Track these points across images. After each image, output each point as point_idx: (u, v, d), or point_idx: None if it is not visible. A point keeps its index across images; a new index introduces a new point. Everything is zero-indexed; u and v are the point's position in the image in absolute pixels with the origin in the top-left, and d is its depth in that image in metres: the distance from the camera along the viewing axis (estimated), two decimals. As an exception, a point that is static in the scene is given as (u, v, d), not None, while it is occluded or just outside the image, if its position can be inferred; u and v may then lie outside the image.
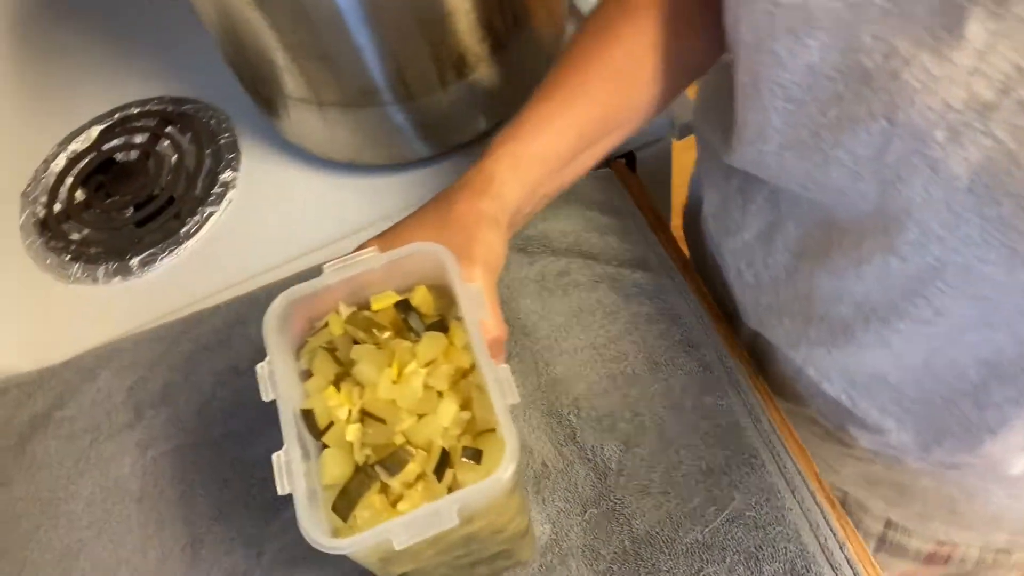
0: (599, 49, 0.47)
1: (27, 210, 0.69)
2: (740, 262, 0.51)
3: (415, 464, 0.35)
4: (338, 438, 0.36)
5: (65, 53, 0.80)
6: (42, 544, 0.52)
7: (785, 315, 0.48)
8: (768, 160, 0.41)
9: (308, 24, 0.52)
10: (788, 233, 0.45)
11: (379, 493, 0.35)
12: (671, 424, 0.51)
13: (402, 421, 0.36)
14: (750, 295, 0.51)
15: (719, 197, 0.52)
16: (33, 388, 0.58)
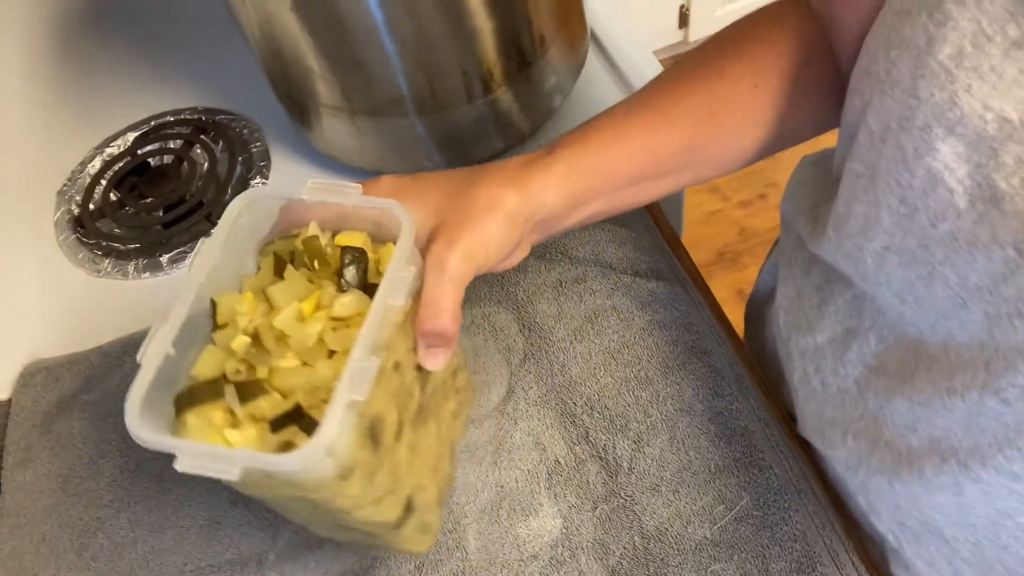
0: (697, 80, 0.44)
1: (62, 207, 0.72)
2: (808, 365, 0.47)
3: (266, 403, 0.34)
4: (225, 341, 0.35)
5: (105, 64, 0.83)
6: (62, 520, 0.53)
7: (850, 434, 0.43)
8: (867, 259, 0.37)
9: (344, 33, 0.55)
10: (867, 345, 0.41)
11: (224, 412, 0.34)
12: (682, 426, 0.52)
13: (282, 358, 0.34)
14: (813, 403, 0.47)
15: (794, 291, 0.48)
16: (61, 372, 0.59)
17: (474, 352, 0.57)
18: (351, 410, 0.33)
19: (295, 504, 0.38)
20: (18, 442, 0.56)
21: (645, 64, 0.73)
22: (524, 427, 0.54)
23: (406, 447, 0.38)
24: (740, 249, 1.79)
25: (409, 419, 0.39)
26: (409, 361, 0.38)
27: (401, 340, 0.37)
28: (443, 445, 0.44)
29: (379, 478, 0.36)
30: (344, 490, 0.34)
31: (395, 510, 0.39)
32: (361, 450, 0.34)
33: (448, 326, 0.38)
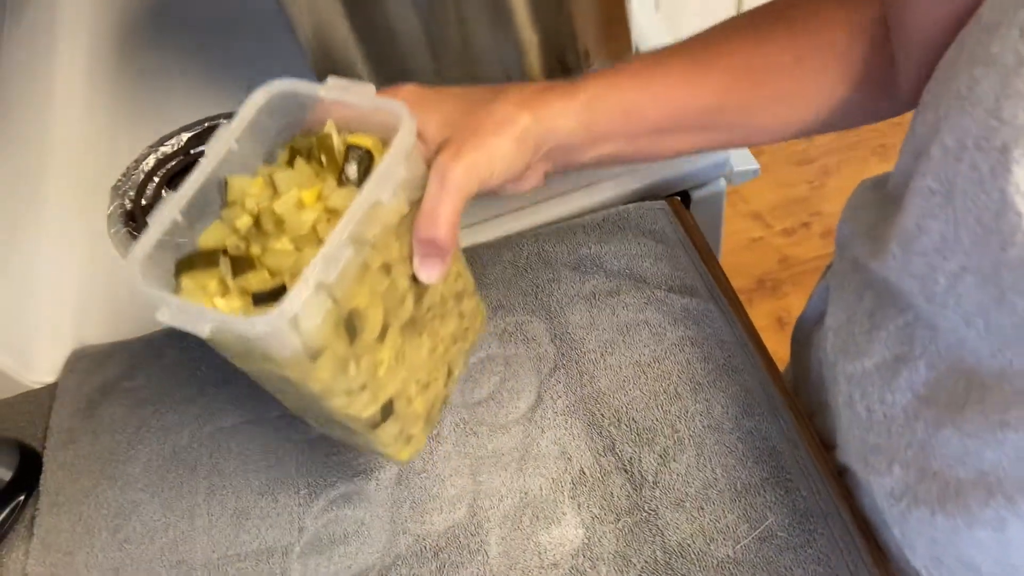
0: (740, 41, 0.43)
1: (115, 202, 0.74)
2: (855, 390, 0.46)
3: (255, 279, 0.35)
4: (231, 219, 0.37)
5: (163, 68, 0.86)
6: (99, 500, 0.54)
7: (897, 463, 0.42)
8: (939, 278, 0.36)
9: (392, 41, 0.57)
10: (916, 373, 0.40)
11: (218, 281, 0.36)
12: (709, 442, 0.52)
13: (277, 241, 0.36)
14: (857, 429, 0.46)
15: (845, 315, 0.47)
16: (105, 358, 0.61)
17: (505, 360, 0.58)
18: (323, 293, 0.34)
19: (281, 384, 0.39)
20: (61, 424, 0.58)
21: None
22: (551, 436, 0.54)
23: (391, 351, 0.39)
24: (781, 277, 1.77)
25: (398, 325, 0.39)
26: (403, 268, 0.39)
27: (394, 244, 0.38)
28: (437, 365, 0.45)
29: (353, 372, 0.37)
30: (314, 372, 0.35)
31: (370, 408, 0.40)
32: (334, 337, 0.35)
33: (443, 235, 0.38)
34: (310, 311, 0.33)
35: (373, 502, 0.53)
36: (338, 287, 0.34)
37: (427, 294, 0.41)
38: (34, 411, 0.60)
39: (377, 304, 0.38)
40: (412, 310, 0.40)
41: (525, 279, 0.61)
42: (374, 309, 0.38)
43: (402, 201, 0.38)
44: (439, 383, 0.46)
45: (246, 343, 0.34)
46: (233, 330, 0.33)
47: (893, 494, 0.43)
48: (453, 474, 0.53)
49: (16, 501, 0.55)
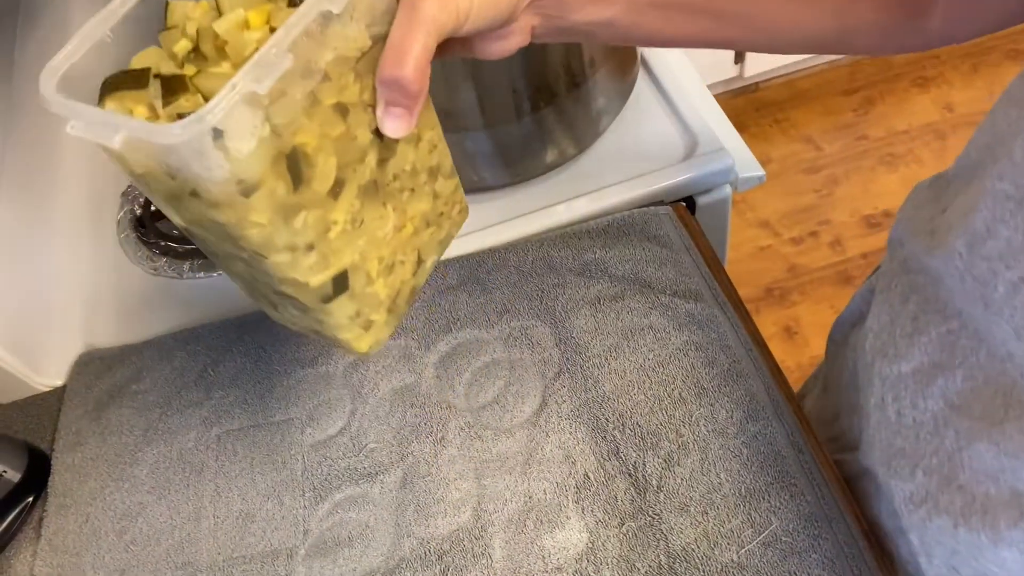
0: None
1: (125, 207, 0.75)
2: (888, 392, 0.46)
3: (187, 103, 0.32)
4: (169, 43, 0.34)
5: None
6: (106, 502, 0.55)
7: (921, 468, 0.42)
8: (999, 286, 0.35)
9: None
10: (952, 382, 0.40)
11: (147, 108, 0.32)
12: (713, 447, 0.52)
13: (217, 67, 0.32)
14: (885, 431, 0.46)
15: (888, 317, 0.47)
16: (114, 361, 0.62)
17: (510, 364, 0.58)
18: (257, 111, 0.30)
19: (222, 243, 0.35)
20: (69, 426, 0.59)
21: (694, 91, 0.74)
22: (555, 440, 0.54)
23: (345, 213, 0.35)
24: (789, 286, 1.77)
25: (356, 185, 0.35)
26: (364, 118, 0.34)
27: (352, 84, 0.33)
28: (405, 247, 0.40)
29: (299, 223, 0.33)
30: (249, 215, 0.32)
31: (319, 275, 0.35)
32: (272, 174, 0.31)
33: (411, 75, 0.33)
34: (239, 128, 0.29)
35: (377, 505, 0.53)
36: (278, 111, 0.30)
37: (394, 158, 0.37)
38: (43, 414, 0.61)
39: (329, 151, 0.33)
40: (375, 172, 0.36)
41: (530, 284, 0.61)
42: (325, 155, 0.33)
43: (362, 30, 0.33)
44: (406, 269, 0.41)
45: (167, 166, 0.30)
46: (147, 138, 0.29)
47: (913, 499, 0.43)
48: (457, 478, 0.53)
49: (25, 503, 0.55)
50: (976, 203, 0.36)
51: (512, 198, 0.68)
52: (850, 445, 0.53)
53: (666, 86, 0.74)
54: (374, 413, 0.57)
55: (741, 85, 2.02)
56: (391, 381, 0.58)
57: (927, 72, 1.98)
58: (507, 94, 0.61)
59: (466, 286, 0.62)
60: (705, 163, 0.68)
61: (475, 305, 0.61)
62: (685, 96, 0.73)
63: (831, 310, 1.69)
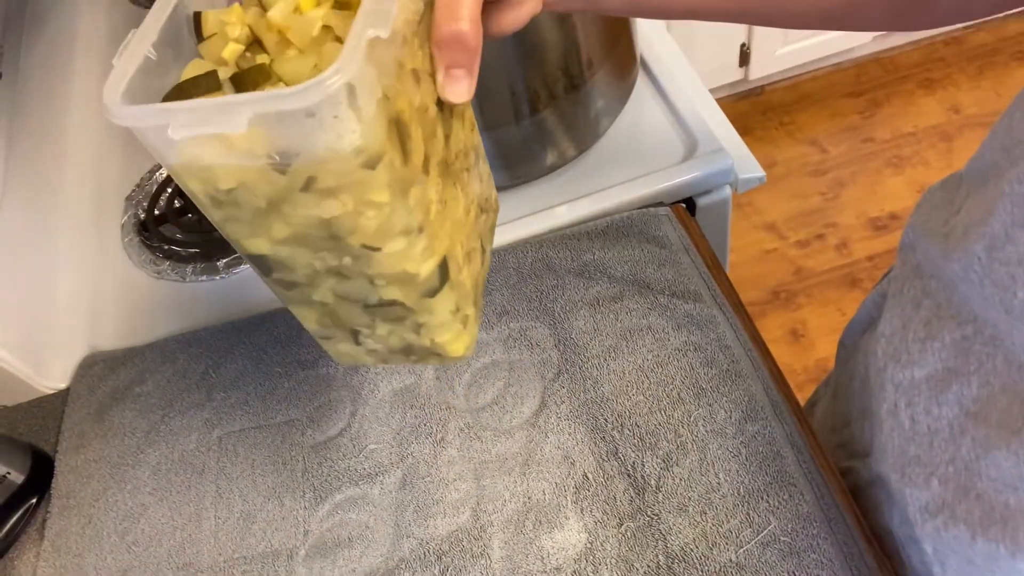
0: None
1: (129, 212, 0.76)
2: (900, 398, 0.45)
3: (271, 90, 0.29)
4: (213, 52, 0.32)
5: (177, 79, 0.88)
6: (108, 503, 0.55)
7: (936, 477, 0.41)
8: (1019, 291, 0.35)
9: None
10: (967, 388, 0.39)
11: None
12: (712, 447, 0.52)
13: (283, 55, 0.30)
14: (898, 438, 0.45)
15: (900, 322, 0.46)
16: (117, 364, 0.62)
17: (509, 365, 0.58)
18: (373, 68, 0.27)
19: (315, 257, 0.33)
20: (73, 428, 0.59)
21: (694, 92, 0.74)
22: (554, 440, 0.54)
23: (436, 191, 0.33)
24: (795, 289, 1.76)
25: (436, 162, 0.34)
26: (430, 87, 0.33)
27: (417, 51, 0.32)
28: (473, 232, 0.39)
29: (412, 200, 0.31)
30: (370, 192, 0.29)
31: (429, 262, 0.33)
32: (389, 143, 0.29)
33: (468, 29, 0.31)
34: (366, 85, 0.27)
35: (377, 506, 0.53)
36: (389, 79, 0.28)
37: (453, 135, 0.36)
38: (47, 416, 0.61)
39: (416, 121, 0.31)
40: (444, 149, 0.35)
41: (529, 285, 0.61)
42: (415, 126, 0.31)
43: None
44: (477, 257, 0.40)
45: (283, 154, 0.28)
46: (285, 106, 0.26)
47: (928, 509, 0.42)
48: (457, 478, 0.54)
49: (28, 504, 0.56)
50: (994, 206, 0.36)
51: (512, 200, 0.68)
52: (861, 452, 0.53)
53: (665, 87, 0.74)
54: (374, 414, 0.57)
55: (746, 88, 2.02)
56: (391, 382, 0.58)
57: (933, 74, 1.97)
58: (505, 96, 0.61)
59: (466, 288, 0.62)
60: (704, 164, 0.68)
61: (475, 307, 0.61)
62: (684, 97, 0.73)
63: (837, 313, 1.69)
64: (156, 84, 0.31)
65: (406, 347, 0.39)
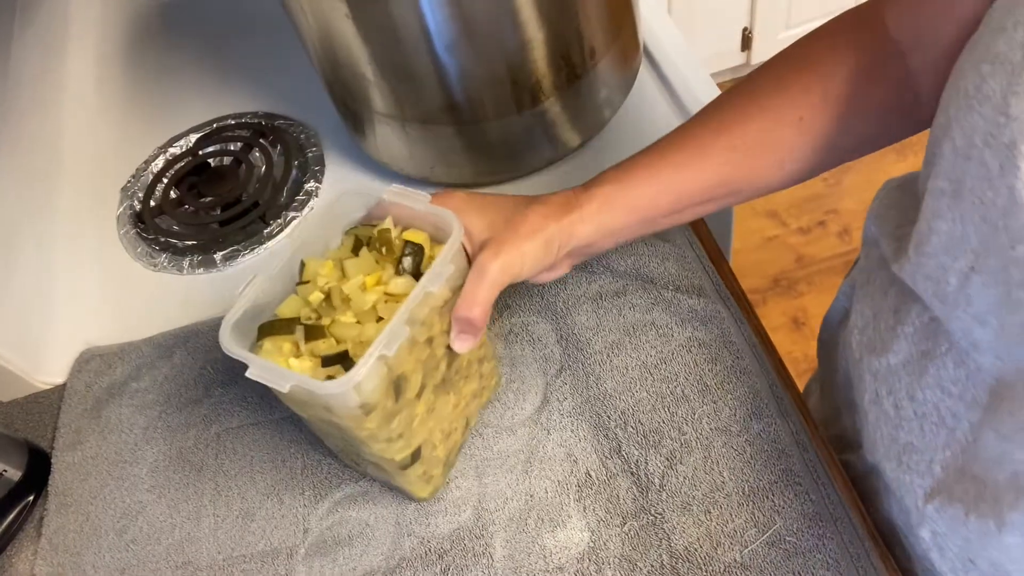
0: (737, 115, 0.47)
1: (125, 203, 0.75)
2: (880, 386, 0.46)
3: (324, 345, 0.43)
4: (305, 294, 0.45)
5: (174, 69, 0.87)
6: (106, 501, 0.55)
7: (937, 463, 0.42)
8: (951, 279, 0.36)
9: (396, 41, 0.56)
10: (945, 370, 0.40)
11: (292, 344, 0.44)
12: (717, 445, 0.51)
13: (343, 315, 0.44)
14: (885, 426, 0.46)
15: (871, 311, 0.48)
16: (114, 359, 0.62)
17: (511, 361, 0.57)
18: (381, 362, 0.41)
19: (329, 428, 0.47)
20: (69, 425, 0.59)
21: (697, 81, 0.72)
22: (557, 438, 0.53)
23: (425, 406, 0.47)
24: (797, 276, 1.75)
25: (432, 385, 0.47)
26: (442, 340, 0.46)
27: (438, 322, 0.45)
28: (458, 417, 0.51)
29: (395, 423, 0.44)
30: (364, 423, 0.43)
31: (404, 453, 0.47)
32: (384, 396, 0.42)
33: (477, 317, 0.45)
34: (370, 377, 0.41)
35: (378, 504, 0.53)
36: (393, 358, 0.41)
37: (457, 360, 0.48)
38: (43, 412, 0.61)
39: (418, 369, 0.45)
40: (444, 373, 0.47)
41: (532, 280, 0.61)
42: (416, 373, 0.45)
43: (446, 289, 0.45)
44: (458, 432, 0.52)
45: (314, 398, 0.41)
46: (308, 389, 0.40)
47: (929, 494, 0.43)
48: (458, 476, 0.53)
49: (25, 501, 0.55)
50: (921, 206, 0.38)
51: (514, 192, 0.67)
52: (853, 444, 0.53)
53: (669, 75, 0.73)
54: (374, 411, 0.56)
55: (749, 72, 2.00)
56: (391, 378, 0.57)
57: (937, 58, 1.95)
58: (507, 86, 0.60)
59: (467, 282, 0.61)
60: (709, 155, 0.67)
61: (476, 301, 0.60)
62: (688, 86, 0.72)
63: (839, 300, 1.68)
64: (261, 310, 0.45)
65: (386, 482, 0.53)
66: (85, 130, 0.82)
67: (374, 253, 0.47)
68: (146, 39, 0.91)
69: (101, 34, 0.92)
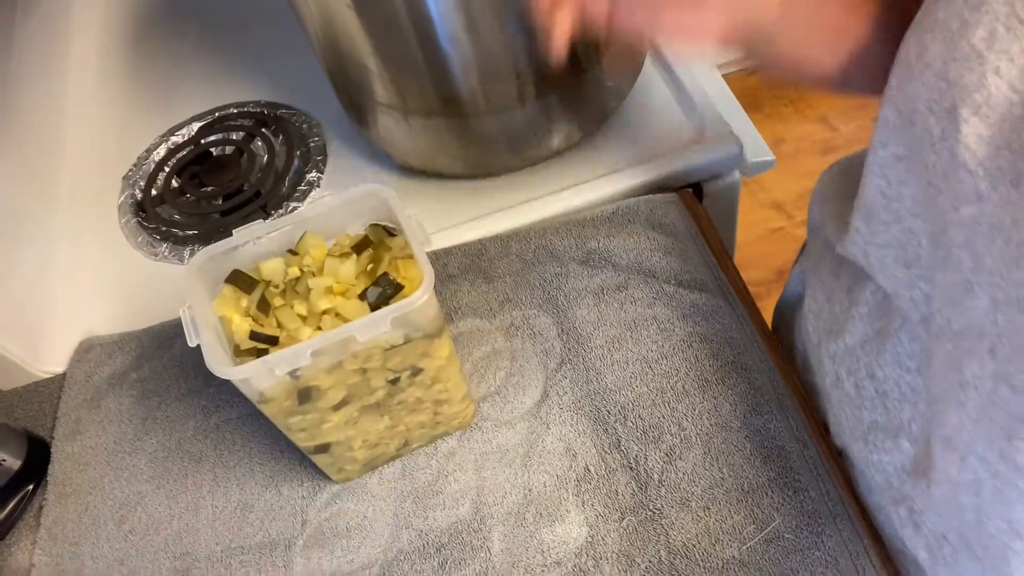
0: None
1: (126, 192, 0.75)
2: (840, 368, 0.47)
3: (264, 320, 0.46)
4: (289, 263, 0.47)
5: (176, 57, 0.86)
6: (105, 491, 0.55)
7: (905, 438, 0.42)
8: (921, 238, 0.37)
9: (400, 32, 0.56)
10: (900, 346, 0.41)
11: (245, 303, 0.46)
12: (716, 441, 0.51)
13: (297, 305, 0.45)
14: (848, 407, 0.47)
15: (823, 295, 0.48)
16: (114, 349, 0.61)
17: (511, 354, 0.57)
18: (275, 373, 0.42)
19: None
20: (69, 415, 0.59)
21: (704, 72, 0.72)
22: (556, 432, 0.53)
23: (343, 417, 0.47)
24: (800, 268, 1.75)
25: (361, 404, 0.47)
26: (381, 374, 0.46)
27: (378, 357, 0.44)
28: (392, 436, 0.52)
29: (294, 419, 0.46)
30: (263, 407, 0.44)
31: (305, 444, 0.48)
32: (284, 397, 0.44)
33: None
34: (260, 379, 0.42)
35: (376, 496, 0.53)
36: (304, 371, 0.42)
37: (402, 394, 0.48)
38: (43, 401, 0.61)
39: (340, 388, 0.45)
40: (381, 399, 0.48)
41: (533, 273, 0.60)
42: (335, 390, 0.45)
43: (398, 335, 0.44)
44: (390, 447, 0.53)
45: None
46: (208, 358, 0.41)
47: (904, 469, 0.43)
48: (457, 469, 0.53)
49: (24, 491, 0.55)
50: (864, 180, 0.39)
51: (516, 184, 0.67)
52: (823, 427, 0.53)
53: (674, 67, 0.73)
54: (373, 403, 0.56)
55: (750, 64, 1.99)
56: (391, 371, 0.57)
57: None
58: (510, 78, 0.59)
59: (467, 275, 0.61)
60: (713, 148, 0.66)
61: (477, 294, 0.60)
62: (694, 77, 0.71)
63: (843, 293, 1.67)
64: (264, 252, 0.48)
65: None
66: (87, 118, 0.82)
67: (362, 261, 0.47)
68: (149, 26, 0.91)
69: (104, 21, 0.92)
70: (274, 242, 0.48)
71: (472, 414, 0.55)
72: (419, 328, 0.44)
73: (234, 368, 0.41)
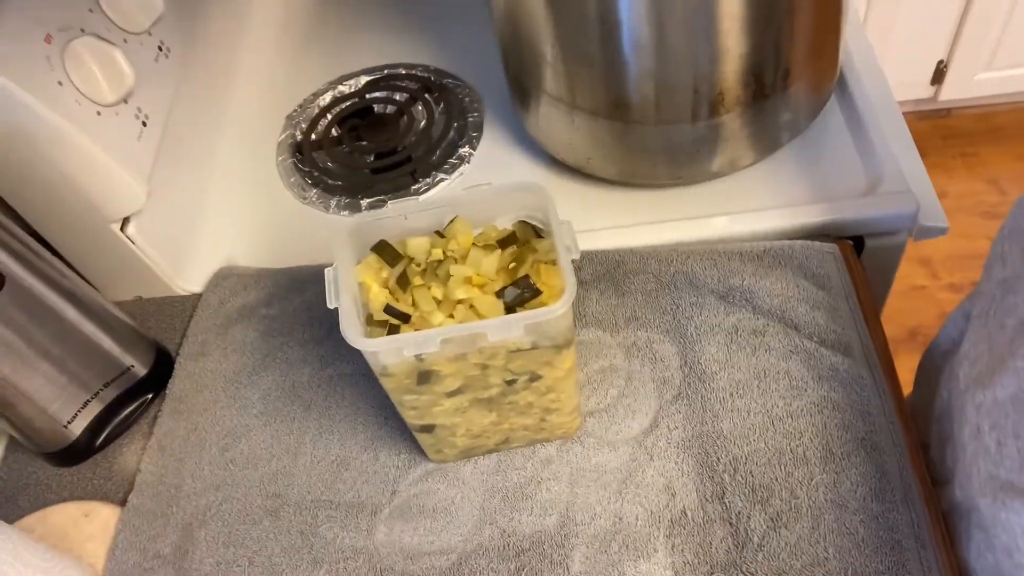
0: None
1: (287, 131, 0.77)
2: (984, 420, 0.44)
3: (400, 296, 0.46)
4: (435, 244, 0.47)
5: (357, 9, 0.88)
6: (215, 417, 0.57)
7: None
8: None
9: (585, 27, 0.54)
10: None
11: (386, 275, 0.46)
12: (828, 518, 0.48)
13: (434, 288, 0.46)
14: (984, 461, 0.44)
15: (985, 342, 0.46)
16: (249, 282, 0.64)
17: (627, 375, 0.55)
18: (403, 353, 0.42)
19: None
20: (197, 336, 0.61)
21: (889, 119, 0.67)
22: (659, 466, 0.51)
23: (454, 405, 0.47)
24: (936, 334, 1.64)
25: (472, 396, 0.47)
26: (500, 373, 0.45)
27: (501, 357, 0.44)
28: (495, 431, 0.51)
29: (409, 397, 0.46)
30: (383, 380, 0.45)
31: (413, 421, 0.49)
32: (404, 376, 0.44)
33: None
34: (388, 356, 0.43)
35: (467, 485, 0.52)
36: (428, 356, 0.43)
37: (516, 396, 0.48)
38: (176, 317, 0.64)
39: (458, 377, 0.45)
40: (493, 396, 0.47)
41: (667, 296, 0.58)
42: (453, 378, 0.45)
43: (527, 340, 0.43)
44: (490, 441, 0.52)
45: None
46: (344, 327, 0.42)
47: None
48: (551, 478, 0.52)
49: (144, 399, 0.58)
50: None
51: (667, 200, 0.65)
52: (941, 479, 0.50)
53: (860, 108, 0.68)
54: (482, 392, 0.56)
55: (932, 108, 1.86)
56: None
57: None
58: (687, 93, 0.57)
59: (599, 284, 0.60)
60: (887, 203, 0.62)
61: (604, 306, 0.59)
62: (878, 122, 0.67)
63: (977, 371, 1.55)
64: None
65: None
66: (263, 54, 0.85)
67: (507, 256, 0.46)
68: None
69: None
70: (422, 218, 0.48)
71: (577, 427, 0.54)
72: (549, 338, 0.44)
73: (367, 340, 0.42)
